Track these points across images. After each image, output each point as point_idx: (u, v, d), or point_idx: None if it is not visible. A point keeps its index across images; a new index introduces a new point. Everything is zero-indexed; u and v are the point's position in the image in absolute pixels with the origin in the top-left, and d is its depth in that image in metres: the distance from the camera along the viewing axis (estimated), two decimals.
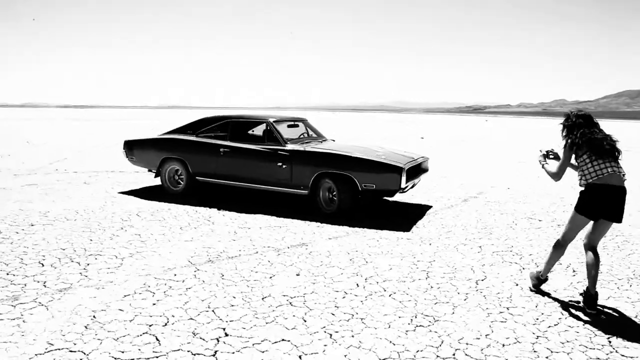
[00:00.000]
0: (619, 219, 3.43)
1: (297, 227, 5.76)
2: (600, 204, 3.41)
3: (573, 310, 3.55)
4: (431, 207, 7.12)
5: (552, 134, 32.83)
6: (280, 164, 6.50)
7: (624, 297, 3.83)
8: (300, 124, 7.63)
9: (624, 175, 3.43)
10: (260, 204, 6.96)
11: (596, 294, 3.49)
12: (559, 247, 3.73)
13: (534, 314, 3.49)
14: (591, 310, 3.48)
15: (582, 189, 3.53)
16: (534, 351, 2.95)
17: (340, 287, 3.89)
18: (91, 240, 4.97)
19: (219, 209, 6.57)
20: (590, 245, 3.58)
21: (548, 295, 3.84)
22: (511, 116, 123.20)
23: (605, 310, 3.58)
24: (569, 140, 3.56)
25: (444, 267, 4.46)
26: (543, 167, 3.84)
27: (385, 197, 7.39)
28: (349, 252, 4.83)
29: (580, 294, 3.67)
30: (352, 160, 6.16)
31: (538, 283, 3.91)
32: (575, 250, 4.90)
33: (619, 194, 3.39)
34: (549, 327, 3.29)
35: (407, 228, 5.83)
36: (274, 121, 6.91)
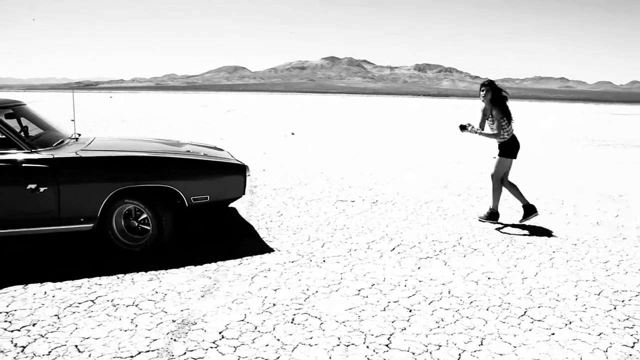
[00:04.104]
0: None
1: (121, 291, 3.33)
2: (517, 149, 4.91)
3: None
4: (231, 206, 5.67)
5: (178, 106, 33.68)
6: (32, 186, 3.59)
7: None
8: (12, 111, 4.42)
9: None
10: None
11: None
12: (499, 185, 4.97)
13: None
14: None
15: (504, 140, 4.81)
16: None
17: None
18: None
19: None
20: (504, 179, 5.02)
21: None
22: (129, 91, 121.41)
23: None
24: (501, 104, 4.77)
25: (406, 290, 3.43)
26: (481, 134, 4.83)
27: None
28: (271, 310, 3.09)
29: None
30: (174, 164, 4.04)
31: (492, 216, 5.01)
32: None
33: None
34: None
35: (260, 246, 4.33)
36: None
